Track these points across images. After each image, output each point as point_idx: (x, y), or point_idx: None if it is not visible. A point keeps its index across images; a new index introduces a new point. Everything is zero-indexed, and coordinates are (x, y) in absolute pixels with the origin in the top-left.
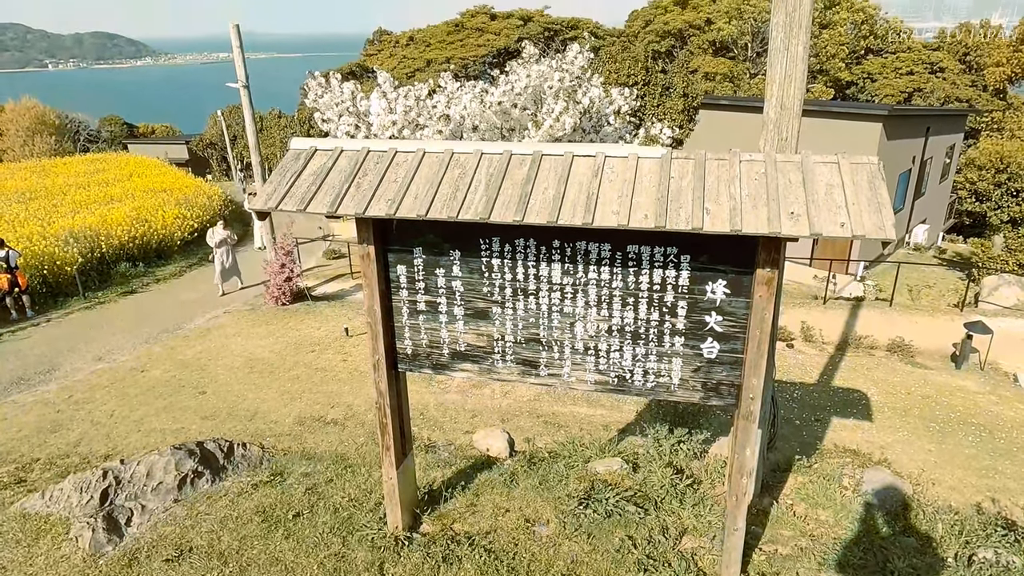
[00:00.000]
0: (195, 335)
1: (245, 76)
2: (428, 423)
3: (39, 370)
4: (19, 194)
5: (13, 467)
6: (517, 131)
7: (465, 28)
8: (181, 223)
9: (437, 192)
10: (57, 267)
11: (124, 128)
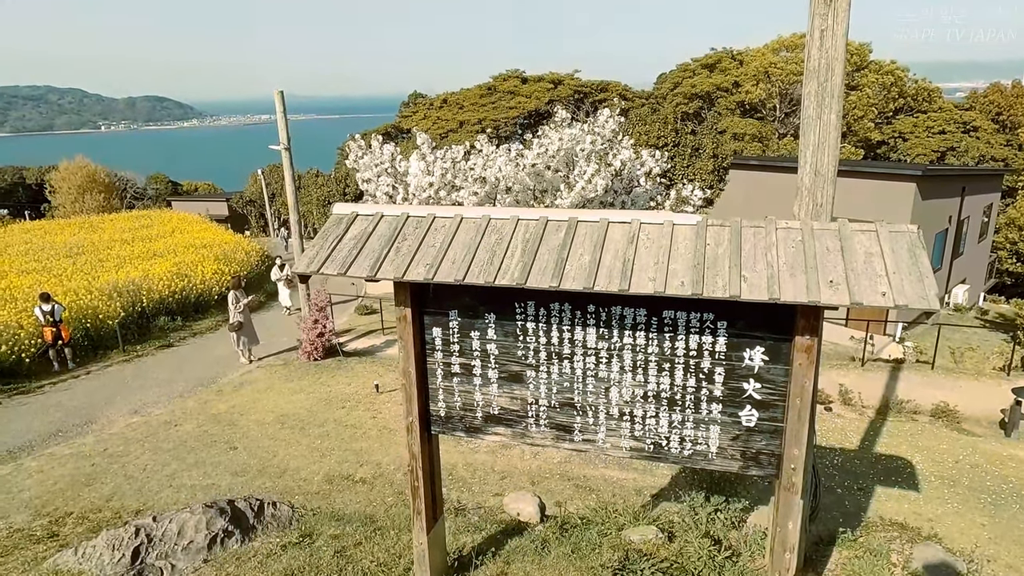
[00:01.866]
0: (228, 389)
1: (287, 139)
2: (457, 483)
3: (76, 422)
4: (68, 249)
5: (47, 520)
6: (550, 192)
7: (497, 91)
8: (219, 278)
9: (474, 257)
10: (100, 320)
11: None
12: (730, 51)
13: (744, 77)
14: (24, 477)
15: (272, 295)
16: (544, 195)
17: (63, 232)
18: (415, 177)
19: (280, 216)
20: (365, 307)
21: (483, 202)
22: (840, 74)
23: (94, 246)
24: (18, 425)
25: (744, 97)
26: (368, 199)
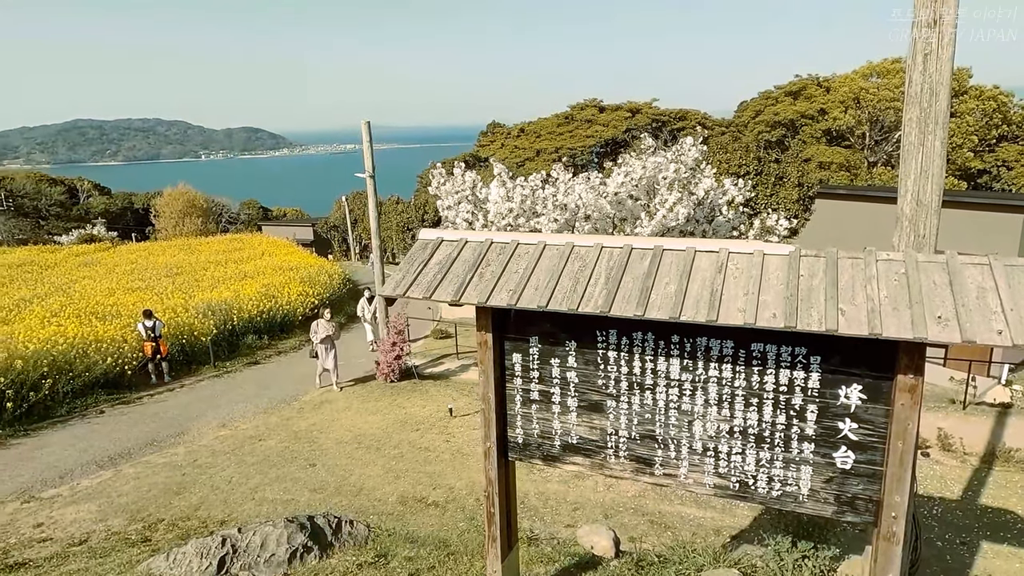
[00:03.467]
0: (308, 407)
1: (372, 167)
2: (528, 512)
3: (170, 433)
4: (168, 269)
5: (141, 525)
6: (629, 220)
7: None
8: (303, 299)
9: (557, 284)
10: (194, 337)
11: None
12: (816, 77)
13: (831, 104)
14: (122, 483)
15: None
16: (623, 223)
17: (164, 253)
18: (495, 204)
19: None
20: (441, 331)
21: (562, 229)
22: (946, 99)
23: (191, 267)
24: (119, 433)
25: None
26: (449, 225)
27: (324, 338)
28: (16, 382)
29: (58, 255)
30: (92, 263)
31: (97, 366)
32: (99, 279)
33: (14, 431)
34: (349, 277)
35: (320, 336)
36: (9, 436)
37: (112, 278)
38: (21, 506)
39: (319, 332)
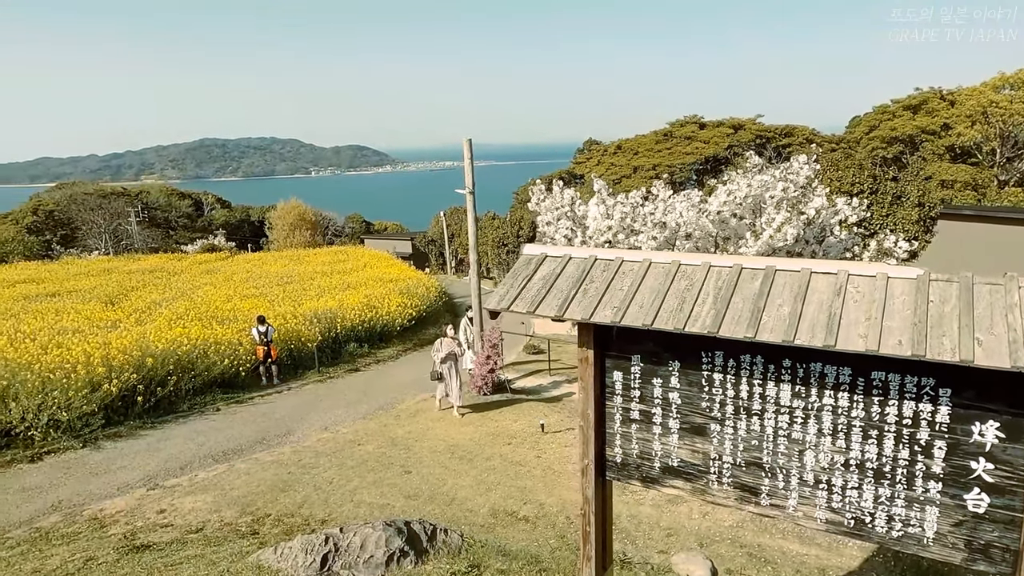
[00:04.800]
0: (405, 415)
1: (472, 183)
2: (620, 535)
3: (278, 433)
4: (279, 278)
5: (250, 518)
6: (733, 240)
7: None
8: (402, 311)
9: (663, 303)
10: (301, 343)
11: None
12: (938, 91)
13: (956, 118)
14: (235, 477)
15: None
16: (727, 242)
17: (276, 263)
18: (594, 220)
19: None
20: (533, 346)
21: (661, 247)
22: None
23: (300, 276)
24: (233, 430)
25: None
26: (547, 242)
27: (447, 356)
28: (146, 378)
29: (184, 262)
30: (213, 271)
31: (215, 366)
32: (219, 286)
33: (143, 423)
34: (445, 290)
35: (443, 354)
36: (138, 428)
37: (230, 285)
38: (147, 493)
39: (442, 350)
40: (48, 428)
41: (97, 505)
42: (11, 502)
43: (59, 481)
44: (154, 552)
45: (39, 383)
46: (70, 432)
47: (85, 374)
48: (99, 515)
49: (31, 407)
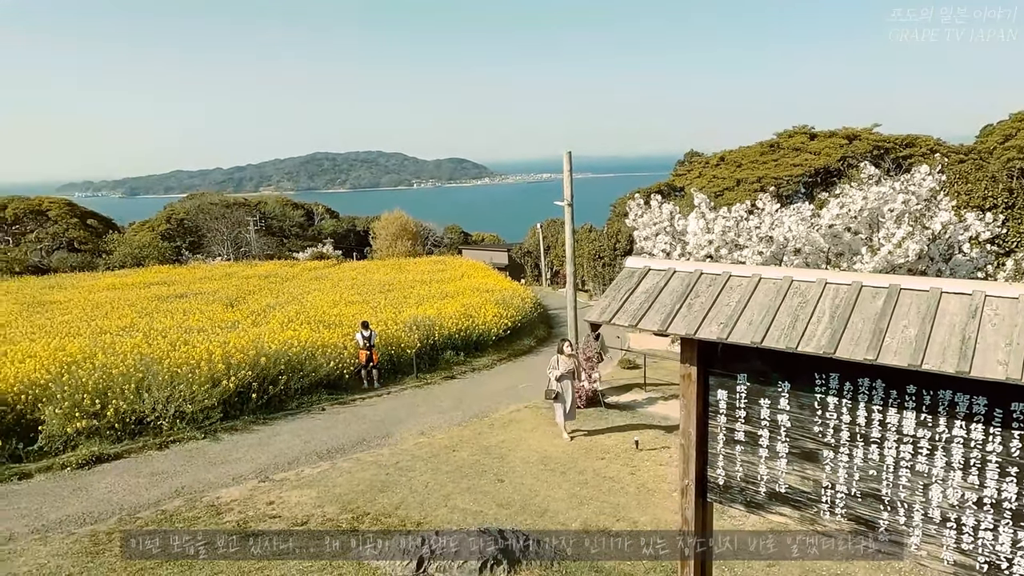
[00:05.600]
0: (498, 424)
1: (570, 195)
2: (717, 561)
3: (377, 435)
4: (381, 285)
5: (350, 515)
6: (847, 256)
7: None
8: (497, 321)
9: (774, 320)
10: (401, 349)
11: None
12: None
13: None
14: (337, 475)
15: (543, 340)
16: (839, 258)
17: (379, 271)
18: (694, 235)
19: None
20: (628, 361)
21: (768, 263)
22: None
23: (401, 284)
24: (336, 430)
25: None
26: (645, 256)
27: (564, 374)
28: (260, 376)
29: (295, 269)
30: (321, 277)
31: (322, 368)
32: (326, 292)
33: (255, 419)
34: (540, 302)
35: (560, 372)
36: (252, 423)
37: (336, 291)
38: (258, 484)
39: (559, 367)
40: (174, 418)
41: (214, 493)
42: (141, 485)
43: (182, 468)
44: (264, 541)
45: (168, 377)
46: (193, 423)
47: (207, 370)
48: (216, 502)
49: (161, 398)
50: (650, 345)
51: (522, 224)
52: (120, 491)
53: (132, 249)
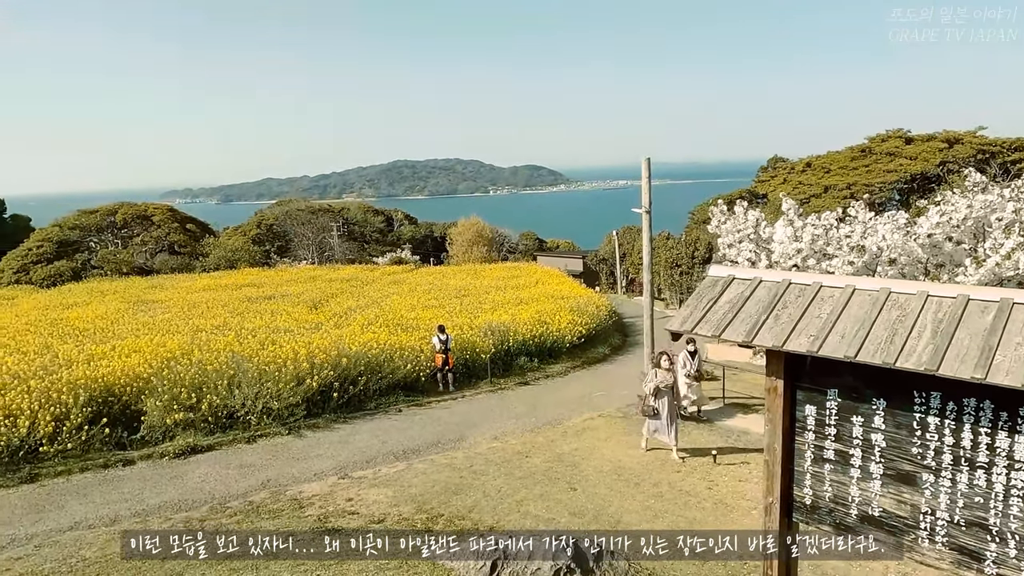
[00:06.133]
0: (571, 432)
1: (648, 202)
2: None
3: (451, 438)
4: (457, 291)
5: (425, 516)
6: (947, 267)
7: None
8: (572, 328)
9: (869, 334)
10: (475, 354)
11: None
12: None
13: None
14: (412, 475)
15: (617, 349)
16: (939, 270)
17: (455, 277)
18: (780, 244)
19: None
20: (705, 372)
21: (859, 273)
22: None
23: (476, 290)
24: (412, 431)
25: None
26: (727, 264)
27: (659, 389)
28: (341, 377)
29: (375, 273)
30: (399, 282)
31: (399, 370)
32: (404, 296)
33: (336, 417)
34: (615, 309)
35: (656, 385)
36: (333, 421)
37: (414, 296)
38: (338, 481)
39: (654, 381)
40: (262, 414)
41: (297, 488)
42: (231, 476)
43: (268, 462)
44: (342, 537)
45: (257, 374)
46: (278, 419)
47: (293, 369)
48: (298, 496)
49: (250, 395)
50: (729, 356)
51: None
52: (212, 481)
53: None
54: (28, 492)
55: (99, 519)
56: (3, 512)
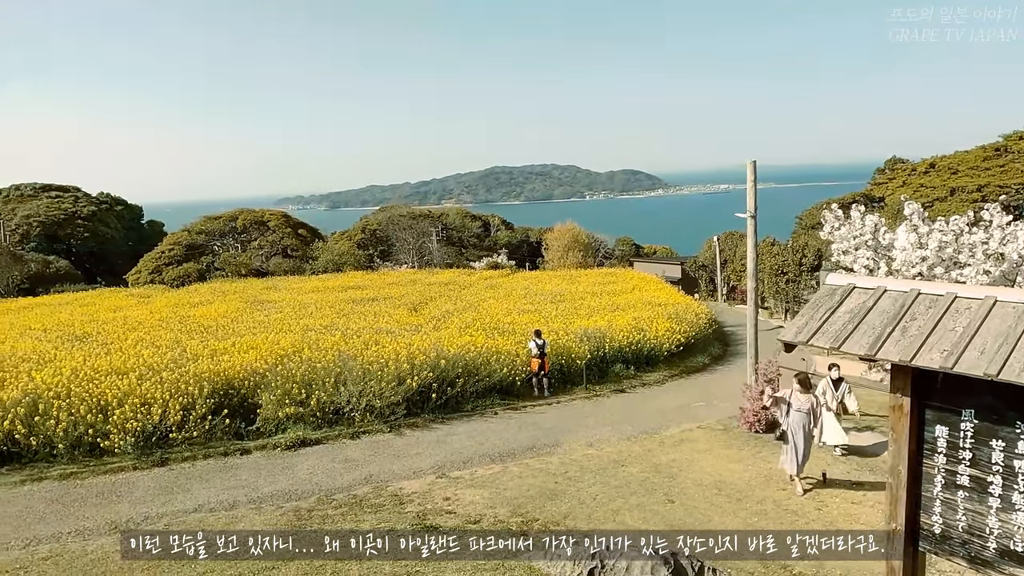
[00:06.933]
0: (669, 443)
1: (754, 207)
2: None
3: (546, 442)
4: (552, 296)
5: (520, 519)
6: None
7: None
8: (669, 336)
9: (1013, 350)
10: (571, 359)
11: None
12: None
13: None
14: (508, 479)
15: (718, 359)
16: None
17: (550, 282)
18: (903, 251)
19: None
20: (813, 386)
21: (996, 283)
22: None
23: (571, 295)
24: (507, 434)
25: None
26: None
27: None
28: (439, 378)
29: (472, 278)
30: (495, 286)
31: (495, 374)
32: (500, 300)
33: (434, 417)
34: (715, 318)
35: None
36: (431, 421)
37: (510, 300)
38: (435, 480)
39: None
40: (365, 411)
41: (397, 484)
42: (336, 470)
43: (370, 458)
44: (440, 535)
45: (361, 373)
46: (380, 417)
47: (394, 369)
48: (399, 493)
49: (355, 392)
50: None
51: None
52: (319, 473)
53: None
54: (159, 474)
55: (219, 503)
56: (139, 491)
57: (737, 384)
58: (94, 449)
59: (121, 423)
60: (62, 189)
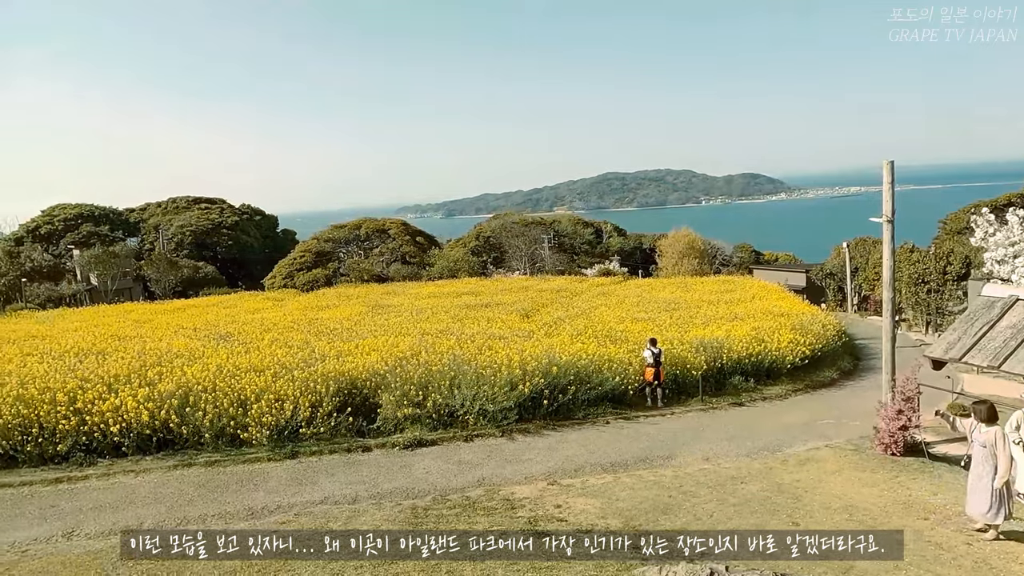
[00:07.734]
0: (793, 461)
1: (891, 211)
2: None
3: (660, 454)
4: (666, 304)
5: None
6: None
7: None
8: (793, 348)
9: None
10: (686, 370)
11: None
12: None
13: None
14: (620, 489)
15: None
16: None
17: (664, 289)
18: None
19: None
20: (960, 407)
21: None
22: None
23: (686, 303)
24: (619, 444)
25: None
26: (996, 282)
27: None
28: (551, 385)
29: (583, 284)
30: (607, 293)
31: (607, 382)
32: (612, 307)
33: (545, 424)
34: (844, 330)
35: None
36: (542, 427)
37: (622, 308)
38: (547, 487)
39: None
40: (478, 415)
41: (509, 488)
42: (450, 471)
43: (483, 461)
44: (552, 541)
45: (474, 377)
46: (492, 421)
47: (506, 374)
48: (510, 497)
49: (468, 396)
50: (992, 389)
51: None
52: (435, 473)
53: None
54: (290, 466)
55: (343, 497)
56: (272, 481)
57: (870, 402)
58: (235, 440)
59: (258, 417)
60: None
